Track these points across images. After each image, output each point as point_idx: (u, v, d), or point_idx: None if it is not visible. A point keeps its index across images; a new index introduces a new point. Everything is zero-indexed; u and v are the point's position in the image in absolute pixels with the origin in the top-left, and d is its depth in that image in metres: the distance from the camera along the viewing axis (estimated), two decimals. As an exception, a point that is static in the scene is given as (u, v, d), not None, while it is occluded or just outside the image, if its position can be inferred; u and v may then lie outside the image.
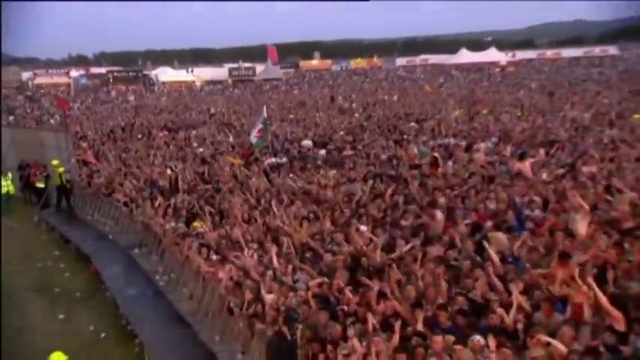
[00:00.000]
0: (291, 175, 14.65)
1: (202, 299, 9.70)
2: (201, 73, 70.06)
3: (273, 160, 17.19)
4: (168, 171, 15.81)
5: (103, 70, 71.67)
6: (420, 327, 6.48)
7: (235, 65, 72.47)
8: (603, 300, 6.08)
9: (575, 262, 7.18)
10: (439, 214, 9.82)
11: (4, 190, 18.23)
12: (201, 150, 19.60)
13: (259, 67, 70.15)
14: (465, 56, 68.84)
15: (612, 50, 76.27)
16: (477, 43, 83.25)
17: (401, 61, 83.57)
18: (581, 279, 6.47)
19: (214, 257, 9.70)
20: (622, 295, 6.44)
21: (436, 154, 14.10)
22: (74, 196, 16.83)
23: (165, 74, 68.85)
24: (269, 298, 7.89)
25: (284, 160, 16.97)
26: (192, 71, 70.73)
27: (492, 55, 68.27)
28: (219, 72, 71.44)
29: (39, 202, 17.76)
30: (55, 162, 16.16)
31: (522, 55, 76.05)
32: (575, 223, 8.80)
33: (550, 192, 10.54)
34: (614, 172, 11.46)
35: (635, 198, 9.54)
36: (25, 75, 64.31)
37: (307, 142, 19.55)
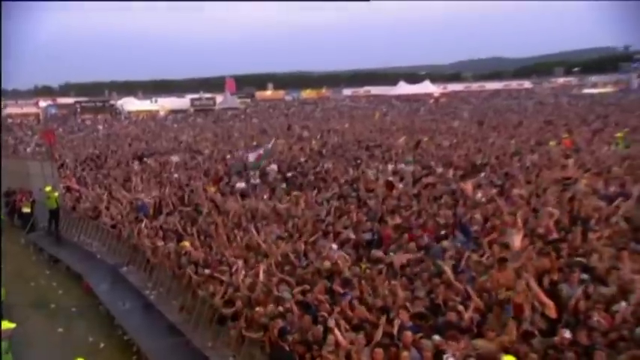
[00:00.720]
0: (265, 197, 15.08)
1: (193, 310, 10.01)
2: (165, 103, 69.27)
3: (244, 184, 17.63)
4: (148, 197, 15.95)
5: (70, 100, 69.99)
6: (389, 328, 7.05)
7: (197, 95, 72.16)
8: (539, 292, 6.89)
9: (511, 267, 8.05)
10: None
11: (-10, 215, 17.84)
12: (176, 176, 19.73)
13: (219, 98, 70.17)
14: (404, 88, 71.24)
15: (527, 84, 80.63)
16: (413, 77, 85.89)
17: (347, 92, 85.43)
18: (519, 280, 7.34)
19: (206, 271, 10.01)
20: (554, 293, 7.30)
21: (391, 178, 14.92)
22: (60, 220, 16.67)
23: (131, 104, 67.67)
24: (259, 307, 8.30)
25: (257, 181, 17.44)
26: (156, 101, 69.93)
27: (427, 87, 70.84)
28: (181, 102, 70.71)
29: (25, 227, 17.47)
30: (48, 188, 16.04)
31: (452, 87, 79.31)
32: (510, 236, 9.70)
33: (489, 210, 11.45)
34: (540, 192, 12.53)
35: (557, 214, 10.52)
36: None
37: (273, 167, 20.03)
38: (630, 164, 15.37)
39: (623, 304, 6.68)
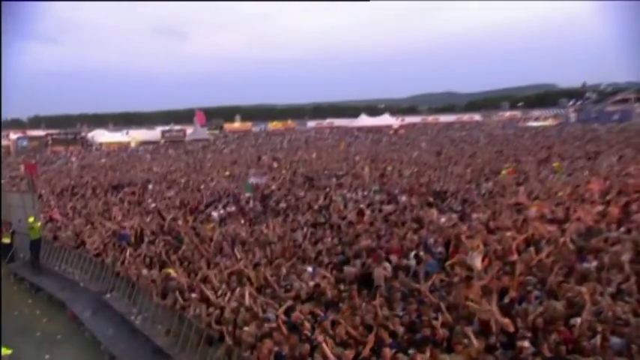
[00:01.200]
0: (242, 223, 15.28)
1: (180, 334, 10.03)
2: (136, 135, 68.52)
3: (222, 212, 17.78)
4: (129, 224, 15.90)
5: (41, 132, 68.46)
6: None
7: (167, 127, 71.79)
8: (496, 312, 7.37)
9: (477, 284, 8.55)
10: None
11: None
12: (154, 205, 19.66)
13: (189, 129, 69.97)
14: (365, 120, 72.74)
15: (477, 117, 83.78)
16: (373, 109, 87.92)
17: (311, 123, 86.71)
18: (484, 298, 7.83)
19: (192, 295, 10.11)
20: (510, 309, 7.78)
21: (362, 206, 15.40)
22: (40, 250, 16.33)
23: (102, 136, 66.70)
24: (247, 328, 8.46)
25: (233, 209, 17.61)
26: (127, 133, 69.16)
27: (386, 119, 72.57)
28: (152, 133, 70.18)
29: (5, 257, 16.99)
30: (31, 219, 15.76)
31: (409, 119, 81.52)
32: (472, 259, 10.24)
33: (452, 234, 11.98)
34: (496, 216, 13.20)
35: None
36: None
37: (247, 195, 20.23)
38: (572, 190, 16.35)
39: (579, 320, 7.18)
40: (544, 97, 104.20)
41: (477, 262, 10.07)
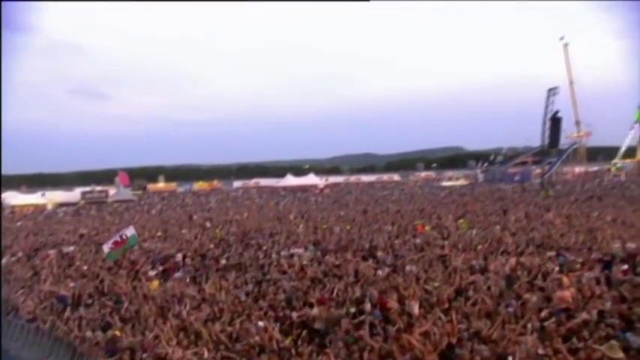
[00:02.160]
0: (186, 281, 15.25)
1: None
2: (53, 196, 65.03)
3: (160, 271, 17.53)
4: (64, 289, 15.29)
5: (-57, 196, 62.89)
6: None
7: (88, 188, 68.94)
8: None
9: (417, 331, 9.36)
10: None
11: None
12: (86, 267, 18.92)
13: (111, 190, 67.65)
14: (291, 180, 74.27)
15: (396, 177, 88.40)
16: (298, 169, 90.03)
17: (237, 183, 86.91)
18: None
19: (144, 355, 10.03)
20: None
21: (305, 262, 15.96)
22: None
23: (14, 198, 62.61)
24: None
25: (171, 268, 17.47)
26: (43, 194, 65.41)
27: (312, 179, 74.55)
28: (70, 195, 67.12)
29: None
30: (-43, 286, 14.72)
31: (333, 179, 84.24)
32: (411, 307, 11.13)
33: (387, 286, 12.85)
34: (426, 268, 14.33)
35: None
36: None
37: (179, 255, 20.09)
38: (489, 243, 18.05)
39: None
40: (454, 159, 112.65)
41: (415, 310, 10.98)
